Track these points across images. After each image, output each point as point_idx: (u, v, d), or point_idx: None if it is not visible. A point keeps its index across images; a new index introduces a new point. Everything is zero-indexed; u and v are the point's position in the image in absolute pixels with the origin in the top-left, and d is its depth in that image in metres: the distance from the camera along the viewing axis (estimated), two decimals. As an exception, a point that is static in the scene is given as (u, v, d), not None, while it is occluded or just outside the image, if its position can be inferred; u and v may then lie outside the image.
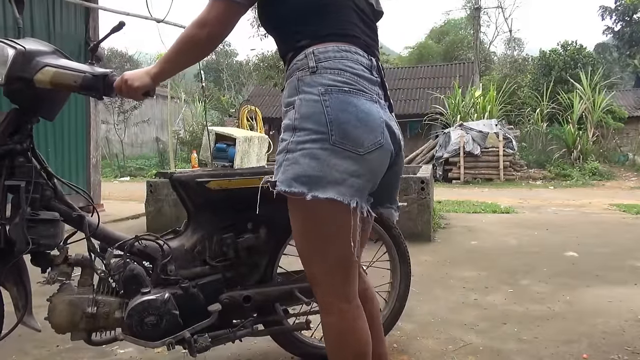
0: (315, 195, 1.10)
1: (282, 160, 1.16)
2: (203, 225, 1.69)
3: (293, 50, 1.21)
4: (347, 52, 1.19)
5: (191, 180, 1.66)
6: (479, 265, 3.62)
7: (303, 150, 1.12)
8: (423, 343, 2.18)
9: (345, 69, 1.16)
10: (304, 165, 1.11)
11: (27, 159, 1.47)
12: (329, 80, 1.15)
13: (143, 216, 5.45)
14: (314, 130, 1.12)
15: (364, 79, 1.19)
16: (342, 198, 1.12)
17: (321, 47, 1.18)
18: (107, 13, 6.27)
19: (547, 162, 13.71)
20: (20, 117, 1.47)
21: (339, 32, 1.20)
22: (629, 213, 6.41)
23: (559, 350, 2.08)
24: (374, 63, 1.25)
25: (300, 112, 1.15)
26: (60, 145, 5.97)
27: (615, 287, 3.01)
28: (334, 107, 1.12)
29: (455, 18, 33.58)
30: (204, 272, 1.66)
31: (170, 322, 1.51)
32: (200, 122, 17.51)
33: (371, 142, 1.14)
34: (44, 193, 1.50)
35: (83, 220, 1.54)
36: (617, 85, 20.79)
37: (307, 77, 1.16)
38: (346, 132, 1.12)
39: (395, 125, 1.26)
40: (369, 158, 1.14)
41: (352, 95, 1.15)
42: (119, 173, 15.86)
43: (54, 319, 1.50)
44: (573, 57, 17.60)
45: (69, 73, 1.42)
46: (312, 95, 1.14)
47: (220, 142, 10.48)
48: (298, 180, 1.11)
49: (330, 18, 1.21)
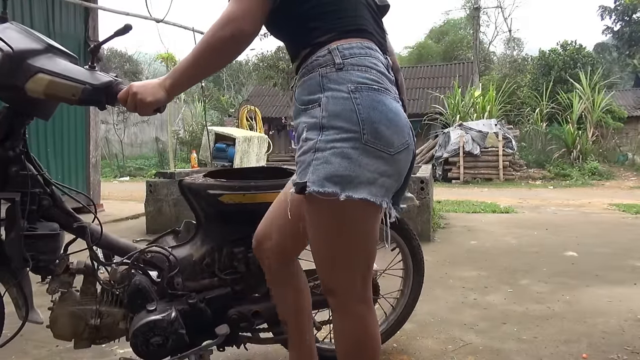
0: (349, 196, 1.06)
1: (310, 159, 1.09)
2: (213, 236, 1.60)
3: (310, 46, 1.16)
4: (370, 49, 1.16)
5: (203, 191, 1.57)
6: (478, 265, 3.62)
7: (334, 149, 1.07)
8: (423, 343, 2.18)
9: (371, 67, 1.13)
10: (335, 165, 1.07)
11: (21, 166, 1.32)
12: (358, 77, 1.11)
13: (143, 216, 5.45)
14: (344, 129, 1.08)
15: (386, 77, 1.16)
16: (374, 199, 1.09)
17: (345, 43, 1.14)
18: (106, 13, 6.28)
19: (547, 162, 13.72)
20: (13, 118, 1.31)
21: (359, 29, 1.17)
22: (629, 213, 6.41)
23: (558, 350, 2.08)
24: (389, 61, 1.23)
25: (328, 110, 1.09)
26: (59, 145, 5.96)
27: (614, 287, 3.01)
28: (365, 105, 1.09)
29: (454, 18, 33.58)
30: (212, 284, 1.57)
31: (176, 341, 1.44)
32: (199, 122, 17.50)
33: (400, 142, 1.12)
34: (42, 203, 1.38)
35: (85, 230, 1.45)
36: (616, 85, 20.79)
37: (333, 73, 1.11)
38: (378, 131, 1.09)
39: None
40: (398, 158, 1.13)
41: (381, 93, 1.12)
42: (119, 173, 15.85)
43: (57, 330, 1.45)
44: (572, 57, 17.60)
45: (66, 84, 1.24)
46: (341, 92, 1.09)
47: (220, 142, 10.49)
48: (330, 180, 1.07)
49: (348, 14, 1.17)
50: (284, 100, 18.08)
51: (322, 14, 1.16)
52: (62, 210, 1.44)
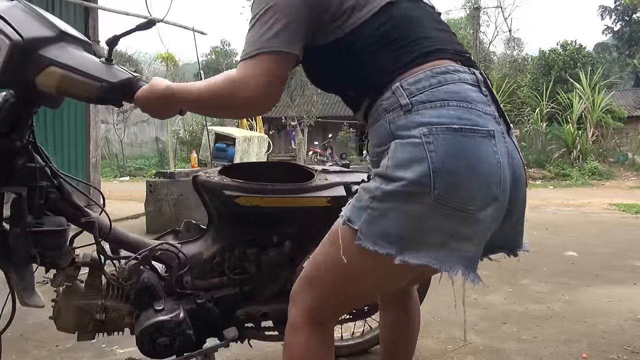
0: (406, 260, 0.89)
1: (366, 204, 0.92)
2: (225, 236, 1.55)
3: (370, 93, 0.98)
4: (445, 73, 0.94)
5: (218, 190, 1.50)
6: (478, 264, 3.61)
7: (396, 202, 0.90)
8: (423, 342, 2.18)
9: (449, 98, 0.91)
10: (393, 221, 0.90)
11: (28, 158, 1.24)
12: (432, 117, 0.90)
13: (143, 216, 5.45)
14: (411, 181, 0.88)
15: (475, 103, 0.93)
16: (439, 266, 0.91)
17: (411, 76, 0.93)
18: (106, 12, 6.28)
19: (547, 162, 13.72)
20: (20, 107, 1.20)
21: (425, 52, 0.96)
22: (629, 213, 6.42)
23: (558, 350, 2.08)
24: (479, 77, 0.98)
25: (395, 159, 0.91)
26: (59, 144, 5.97)
27: (614, 287, 3.01)
28: (439, 152, 0.88)
29: (454, 18, 33.58)
30: (222, 283, 1.54)
31: (183, 341, 1.41)
32: (199, 122, 17.50)
33: (484, 197, 0.90)
34: (49, 196, 1.30)
35: (93, 224, 1.39)
36: (616, 85, 20.79)
37: (402, 118, 0.92)
38: (453, 185, 0.88)
39: (515, 154, 0.99)
40: (480, 217, 0.91)
41: (463, 134, 0.89)
42: (119, 173, 15.86)
43: (61, 323, 1.42)
44: (572, 56, 17.61)
45: (81, 80, 1.12)
46: (412, 138, 0.90)
47: (220, 141, 10.50)
48: (385, 239, 0.90)
49: (403, 43, 0.96)
50: (283, 100, 18.07)
51: (377, 52, 0.96)
52: (70, 203, 1.37)
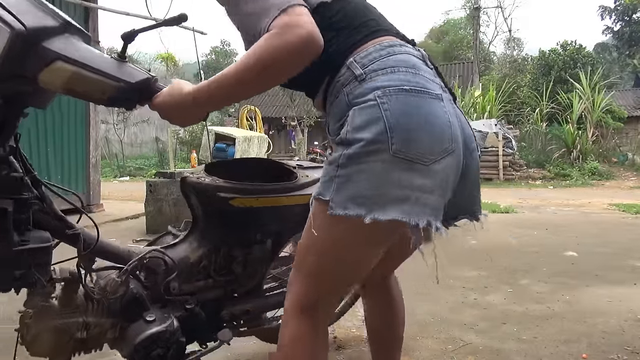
0: (376, 218, 0.93)
1: (332, 174, 0.97)
2: (211, 237, 1.53)
3: (330, 72, 1.04)
4: (393, 46, 1.02)
5: (210, 191, 1.48)
6: (478, 265, 3.62)
7: (358, 164, 0.94)
8: (423, 343, 2.18)
9: (398, 65, 0.99)
10: (358, 183, 0.94)
11: (11, 167, 1.09)
12: (384, 81, 0.97)
13: (143, 216, 5.45)
14: (369, 140, 0.94)
15: (422, 70, 1.01)
16: (407, 218, 0.93)
17: (361, 51, 1.01)
18: (106, 13, 6.28)
19: (547, 162, 13.73)
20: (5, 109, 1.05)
21: (373, 31, 1.04)
22: (629, 213, 6.42)
23: (558, 350, 2.08)
24: (423, 53, 1.08)
25: (354, 123, 0.96)
26: (59, 145, 5.96)
27: (614, 287, 3.01)
28: (393, 110, 0.94)
29: (454, 18, 33.60)
30: (207, 286, 1.52)
31: (177, 350, 1.38)
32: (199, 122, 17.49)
33: (439, 149, 0.96)
34: (32, 207, 1.17)
35: (78, 237, 1.26)
36: (616, 85, 20.80)
37: (357, 87, 0.98)
38: (409, 139, 0.94)
39: (463, 118, 1.09)
40: (438, 168, 0.96)
41: (414, 94, 0.96)
42: (119, 173, 15.86)
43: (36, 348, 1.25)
44: (572, 57, 17.62)
45: (95, 79, 0.99)
46: (368, 102, 0.96)
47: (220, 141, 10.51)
48: (354, 201, 0.94)
49: (354, 25, 1.05)
50: (284, 100, 18.09)
51: (330, 35, 1.01)
52: (53, 215, 1.24)
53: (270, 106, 19.22)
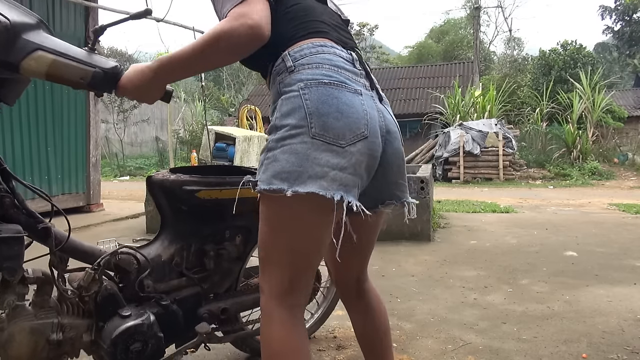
0: (296, 190, 1.05)
1: (263, 159, 1.13)
2: (182, 234, 1.56)
3: (273, 59, 1.18)
4: (323, 46, 1.16)
5: (177, 187, 1.51)
6: (478, 264, 3.62)
7: (283, 146, 1.09)
8: (423, 342, 2.18)
9: (323, 62, 1.14)
10: (282, 162, 1.08)
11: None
12: (307, 75, 1.12)
13: (143, 215, 5.45)
14: (292, 125, 1.09)
15: (344, 70, 1.15)
16: (324, 192, 1.06)
17: (296, 47, 1.16)
18: (107, 12, 6.28)
19: (547, 162, 13.72)
20: None
21: (311, 31, 1.18)
22: (629, 213, 6.41)
23: (558, 350, 2.08)
24: (354, 56, 1.21)
25: (281, 111, 1.12)
26: (60, 144, 5.97)
27: (614, 287, 3.01)
28: (313, 99, 1.09)
29: (455, 17, 33.60)
30: (181, 284, 1.54)
31: (156, 345, 1.39)
32: (200, 122, 17.51)
33: (353, 134, 1.10)
34: (3, 201, 1.21)
35: (50, 233, 1.27)
36: (616, 85, 20.81)
37: (287, 77, 1.14)
38: (326, 124, 1.08)
39: (387, 114, 1.22)
40: (352, 150, 1.09)
41: (332, 87, 1.11)
42: (119, 172, 15.86)
43: (12, 351, 1.23)
44: (573, 56, 17.61)
45: (74, 66, 1.11)
46: (292, 92, 1.11)
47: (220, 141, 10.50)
48: (277, 177, 1.08)
49: (299, 22, 1.19)
50: (284, 100, 18.05)
51: (277, 27, 1.15)
52: (24, 210, 1.26)
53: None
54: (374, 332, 1.44)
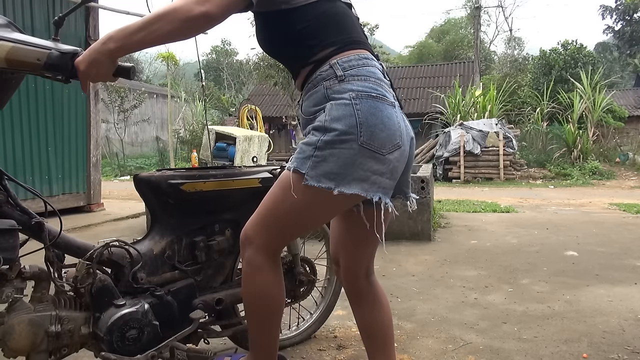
0: (342, 191, 1.19)
1: (310, 154, 1.22)
2: (172, 228, 1.61)
3: (311, 63, 1.29)
4: (367, 59, 1.29)
5: (162, 182, 1.57)
6: (479, 264, 3.62)
7: (332, 149, 1.20)
8: (423, 342, 2.18)
9: (369, 75, 1.26)
10: (331, 163, 1.20)
11: None
12: (358, 86, 1.23)
13: (143, 215, 5.46)
14: (343, 131, 1.20)
15: (384, 82, 1.29)
16: (365, 193, 1.21)
17: (344, 56, 1.26)
18: (107, 12, 6.27)
19: (548, 162, 13.71)
20: None
21: (355, 41, 1.30)
22: (629, 212, 6.41)
23: (559, 350, 2.08)
24: (384, 67, 1.36)
25: (331, 115, 1.22)
26: (60, 144, 5.97)
27: (615, 287, 3.01)
28: (363, 110, 1.21)
29: (455, 17, 33.59)
30: (174, 277, 1.59)
31: (151, 333, 1.43)
32: (200, 121, 17.51)
33: (392, 144, 1.24)
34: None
35: (43, 228, 1.32)
36: (617, 85, 20.79)
37: (336, 85, 1.24)
38: (373, 134, 1.20)
39: (407, 122, 1.35)
40: (390, 158, 1.24)
41: (378, 100, 1.24)
42: (119, 172, 15.86)
43: (12, 343, 1.27)
44: (573, 56, 17.59)
45: (31, 49, 1.19)
46: (344, 100, 1.22)
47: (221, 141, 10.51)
48: (327, 177, 1.20)
49: (343, 29, 1.30)
50: (284, 100, 18.07)
51: (319, 31, 1.27)
52: (17, 206, 1.31)
53: (270, 105, 19.21)
54: (379, 323, 1.49)
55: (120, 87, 16.82)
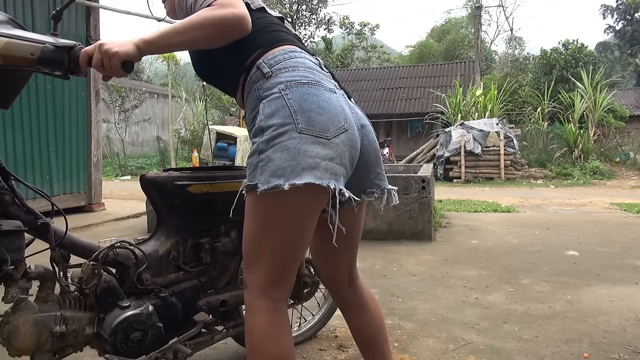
0: (293, 183, 1.11)
1: (256, 162, 1.16)
2: (177, 230, 1.61)
3: (242, 72, 1.27)
4: (294, 52, 1.26)
5: (169, 183, 1.57)
6: (479, 264, 3.62)
7: (274, 146, 1.13)
8: (424, 342, 2.18)
9: (297, 65, 1.23)
10: (276, 160, 1.13)
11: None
12: (286, 77, 1.20)
13: (144, 215, 5.46)
14: (279, 124, 1.14)
15: (317, 71, 1.25)
16: (319, 181, 1.12)
17: (269, 55, 1.25)
18: (108, 12, 6.28)
19: (548, 161, 13.70)
20: None
21: (281, 39, 1.29)
22: (630, 212, 6.40)
23: (559, 350, 2.08)
24: (320, 61, 1.33)
25: (264, 113, 1.18)
26: (61, 144, 5.97)
27: (616, 286, 3.00)
28: (295, 98, 1.16)
29: (456, 17, 33.58)
30: (179, 278, 1.58)
31: (155, 335, 1.43)
32: (201, 121, 17.52)
33: (337, 127, 1.18)
34: (3, 198, 1.26)
35: (49, 229, 1.32)
36: (618, 84, 20.77)
37: (265, 83, 1.21)
38: (311, 119, 1.15)
39: (357, 111, 1.30)
40: (337, 142, 1.17)
41: (311, 86, 1.19)
42: (120, 172, 15.87)
43: (17, 342, 1.28)
44: (574, 56, 17.59)
45: (25, 44, 1.16)
46: (273, 94, 1.18)
47: (221, 140, 10.53)
48: (275, 175, 1.12)
49: (265, 33, 1.29)
50: (285, 99, 18.06)
51: (247, 39, 1.25)
52: (23, 207, 1.32)
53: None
54: (369, 328, 1.46)
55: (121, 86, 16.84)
